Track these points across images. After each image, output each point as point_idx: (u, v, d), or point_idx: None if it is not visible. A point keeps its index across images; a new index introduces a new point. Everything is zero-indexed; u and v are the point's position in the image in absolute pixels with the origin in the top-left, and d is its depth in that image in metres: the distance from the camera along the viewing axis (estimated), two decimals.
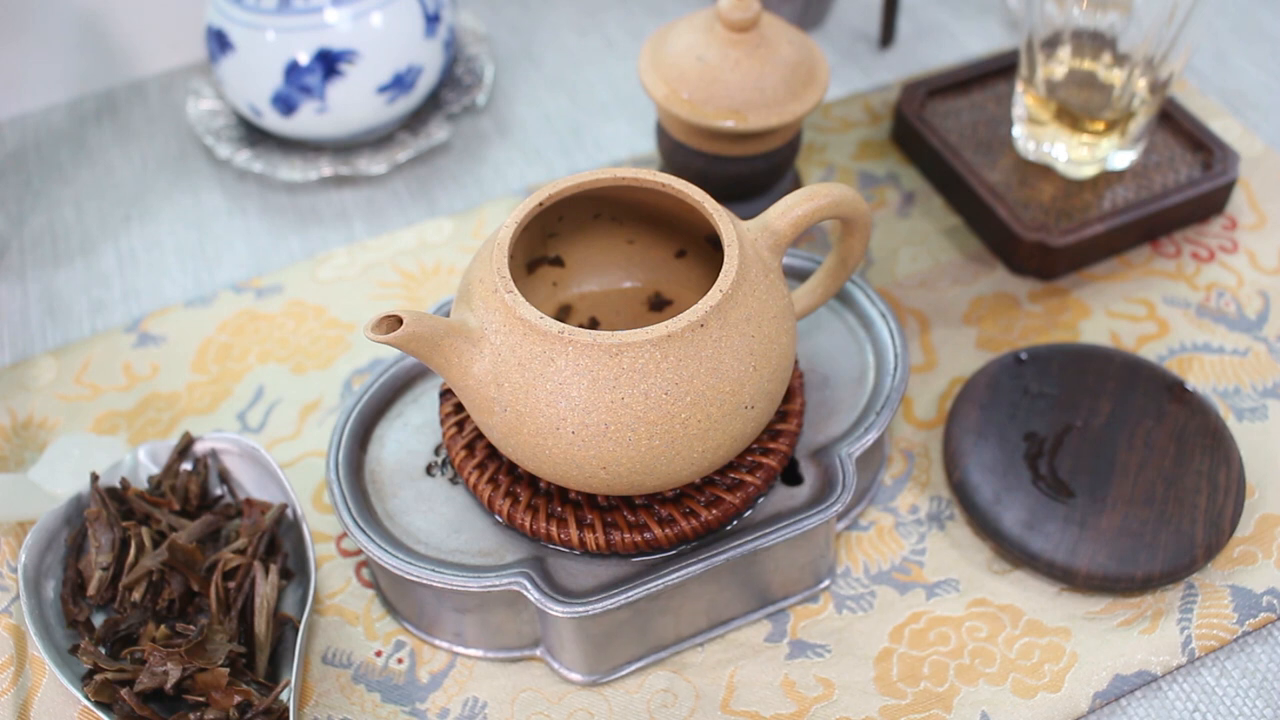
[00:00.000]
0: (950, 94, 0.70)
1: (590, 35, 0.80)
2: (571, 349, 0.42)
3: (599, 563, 0.48)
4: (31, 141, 0.74)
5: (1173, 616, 0.50)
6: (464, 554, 0.48)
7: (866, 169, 0.69)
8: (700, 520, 0.47)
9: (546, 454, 0.43)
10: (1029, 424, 0.55)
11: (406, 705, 0.49)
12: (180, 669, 0.46)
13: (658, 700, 0.49)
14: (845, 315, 0.56)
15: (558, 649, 0.49)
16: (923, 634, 0.50)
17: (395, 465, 0.51)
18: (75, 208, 0.70)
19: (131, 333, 0.63)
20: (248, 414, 0.59)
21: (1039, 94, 0.63)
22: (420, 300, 0.63)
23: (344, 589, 0.52)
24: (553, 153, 0.72)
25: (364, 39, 0.65)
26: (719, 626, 0.50)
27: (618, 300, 0.54)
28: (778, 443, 0.49)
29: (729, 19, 0.56)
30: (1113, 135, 0.62)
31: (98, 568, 0.50)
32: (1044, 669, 0.49)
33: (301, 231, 0.68)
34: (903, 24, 0.79)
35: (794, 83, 0.57)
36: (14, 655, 0.50)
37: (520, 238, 0.50)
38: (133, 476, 0.54)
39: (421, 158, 0.72)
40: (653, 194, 0.48)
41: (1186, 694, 0.49)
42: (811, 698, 0.48)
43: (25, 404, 0.60)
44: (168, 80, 0.78)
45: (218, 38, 0.66)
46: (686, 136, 0.59)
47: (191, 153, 0.73)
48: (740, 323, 0.43)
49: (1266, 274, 0.63)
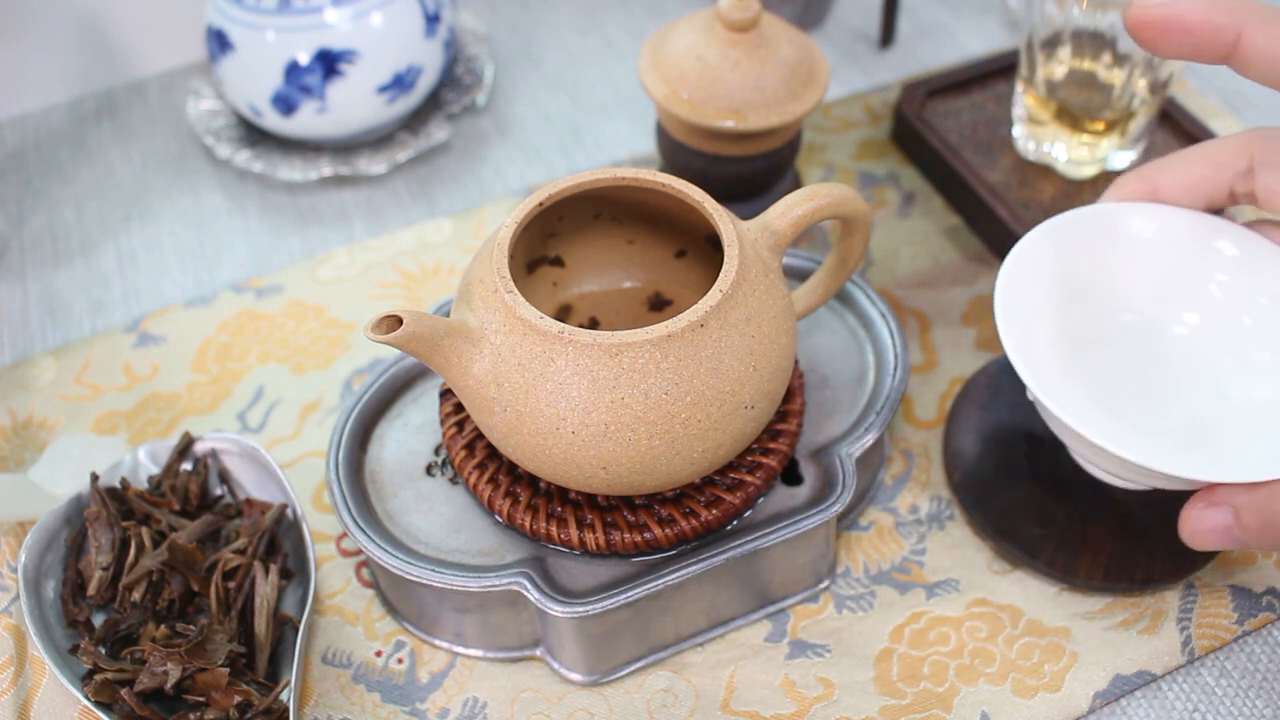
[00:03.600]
0: (950, 94, 0.70)
1: (590, 35, 0.80)
2: (571, 349, 0.42)
3: (599, 563, 0.48)
4: (31, 141, 0.74)
5: (1173, 616, 0.50)
6: (464, 554, 0.48)
7: (866, 169, 0.69)
8: (700, 520, 0.47)
9: (546, 454, 0.43)
10: (1029, 424, 0.55)
11: (406, 705, 0.49)
12: (180, 669, 0.46)
13: (658, 700, 0.49)
14: (845, 315, 0.56)
15: (558, 649, 0.49)
16: (923, 634, 0.50)
17: (395, 465, 0.51)
18: (75, 208, 0.70)
19: (131, 333, 0.63)
20: (248, 414, 0.59)
21: (1039, 94, 0.63)
22: (420, 300, 0.64)
23: (344, 589, 0.52)
24: (553, 153, 0.72)
25: (364, 39, 0.65)
26: (719, 626, 0.50)
27: (618, 300, 0.54)
28: (778, 443, 0.49)
29: (729, 19, 0.56)
30: (1113, 135, 0.62)
31: (98, 568, 0.50)
32: (1044, 669, 0.49)
33: (301, 231, 0.68)
34: (903, 24, 0.79)
35: (794, 83, 0.57)
36: (14, 655, 0.50)
37: (520, 238, 0.50)
38: (133, 476, 0.54)
39: (421, 158, 0.72)
40: (653, 194, 0.48)
41: (1186, 694, 0.49)
42: (811, 698, 0.48)
43: (25, 404, 0.60)
44: (168, 80, 0.78)
45: (218, 38, 0.66)
46: (686, 136, 0.59)
47: (191, 153, 0.73)
48: (740, 323, 0.43)
49: None
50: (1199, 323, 0.51)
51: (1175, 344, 0.51)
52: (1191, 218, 0.50)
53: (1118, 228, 0.51)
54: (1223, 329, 0.50)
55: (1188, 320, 0.51)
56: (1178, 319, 0.51)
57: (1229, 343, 0.50)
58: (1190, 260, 0.50)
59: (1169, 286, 0.51)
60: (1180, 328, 0.51)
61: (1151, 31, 0.42)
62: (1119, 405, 0.50)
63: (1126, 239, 0.51)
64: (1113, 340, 0.51)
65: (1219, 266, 0.50)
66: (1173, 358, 0.51)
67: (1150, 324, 0.51)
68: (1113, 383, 0.50)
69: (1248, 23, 0.41)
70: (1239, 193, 0.48)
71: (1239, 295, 0.50)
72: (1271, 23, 0.40)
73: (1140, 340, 0.51)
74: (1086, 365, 0.50)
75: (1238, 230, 0.49)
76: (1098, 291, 0.51)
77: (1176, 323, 0.51)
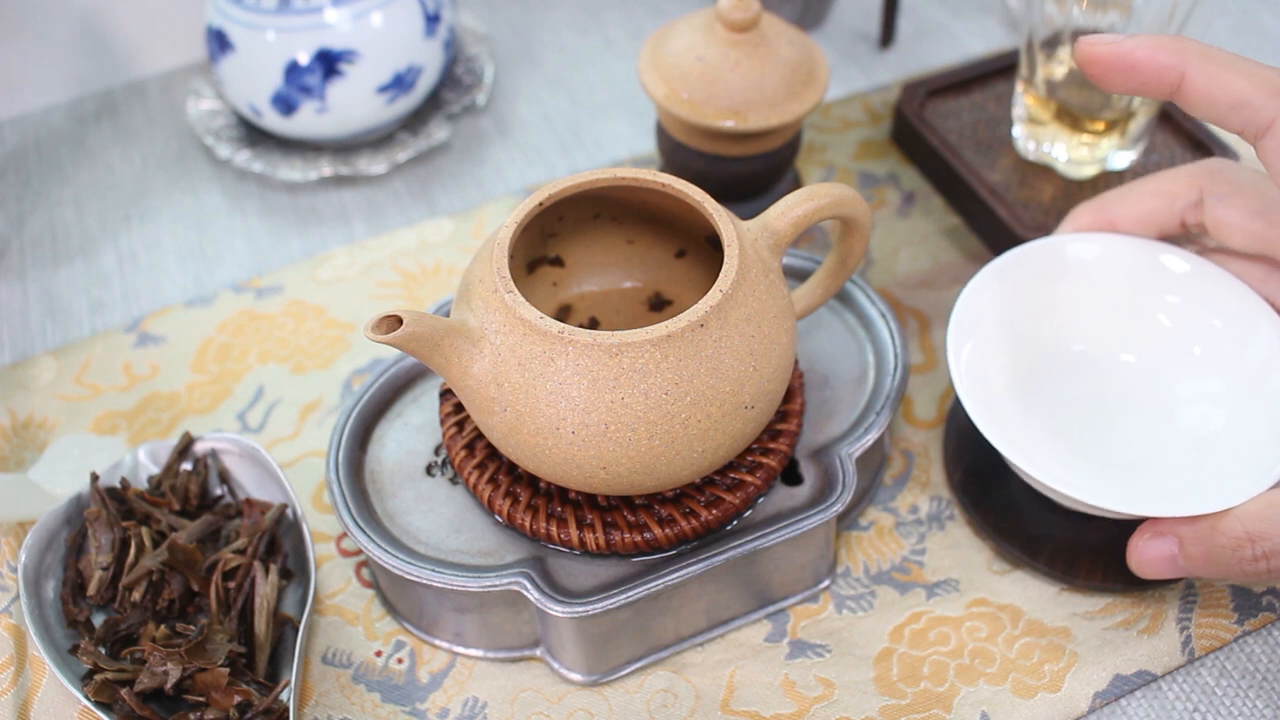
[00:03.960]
0: (950, 94, 0.70)
1: (590, 35, 0.80)
2: (571, 349, 0.42)
3: (599, 563, 0.48)
4: (31, 141, 0.74)
5: (1173, 616, 0.50)
6: (464, 554, 0.48)
7: (866, 169, 0.69)
8: (700, 520, 0.47)
9: (546, 454, 0.43)
10: None
11: (406, 705, 0.49)
12: (180, 669, 0.46)
13: (658, 700, 0.49)
14: (845, 315, 0.56)
15: (558, 649, 0.49)
16: (923, 634, 0.50)
17: (395, 465, 0.51)
18: (75, 208, 0.70)
19: (131, 333, 0.63)
20: (248, 414, 0.59)
21: (1039, 94, 0.63)
22: (420, 300, 0.64)
23: (344, 589, 0.52)
24: (553, 153, 0.72)
25: (364, 39, 0.65)
26: (719, 626, 0.50)
27: (618, 300, 0.54)
28: (778, 443, 0.49)
29: (729, 19, 0.56)
30: (1113, 135, 0.62)
31: (98, 568, 0.50)
32: (1044, 669, 0.49)
33: (301, 231, 0.68)
34: (903, 24, 0.79)
35: (794, 83, 0.57)
36: (14, 655, 0.50)
37: (520, 238, 0.50)
38: (133, 476, 0.54)
39: (421, 158, 0.72)
40: (653, 194, 0.48)
41: (1186, 694, 0.49)
42: (811, 698, 0.49)
43: (25, 404, 0.60)
44: (168, 80, 0.78)
45: (218, 38, 0.66)
46: (686, 136, 0.59)
47: (191, 153, 0.73)
48: (740, 323, 0.43)
49: None
50: (1149, 352, 0.53)
51: (1125, 373, 0.53)
52: (1141, 246, 0.52)
53: (1069, 258, 0.53)
54: (1172, 358, 0.52)
55: (1137, 350, 0.53)
56: (1127, 348, 0.53)
57: (1178, 372, 0.52)
58: (1140, 290, 0.53)
59: (1119, 316, 0.53)
60: (1130, 356, 0.53)
61: (1099, 68, 0.43)
62: (1072, 436, 0.51)
63: (1078, 269, 0.53)
64: (1065, 371, 0.53)
65: (1169, 294, 0.52)
66: (1123, 388, 0.52)
67: (1100, 354, 0.53)
68: (1064, 413, 0.52)
69: (1189, 62, 0.42)
70: (1190, 223, 0.50)
71: (1189, 324, 0.52)
72: (1212, 63, 0.42)
73: (1091, 371, 0.53)
74: (1040, 398, 0.52)
75: (1188, 257, 0.51)
76: (1050, 323, 0.53)
77: (1126, 352, 0.53)
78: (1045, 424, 0.51)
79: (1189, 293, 0.51)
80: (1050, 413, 0.52)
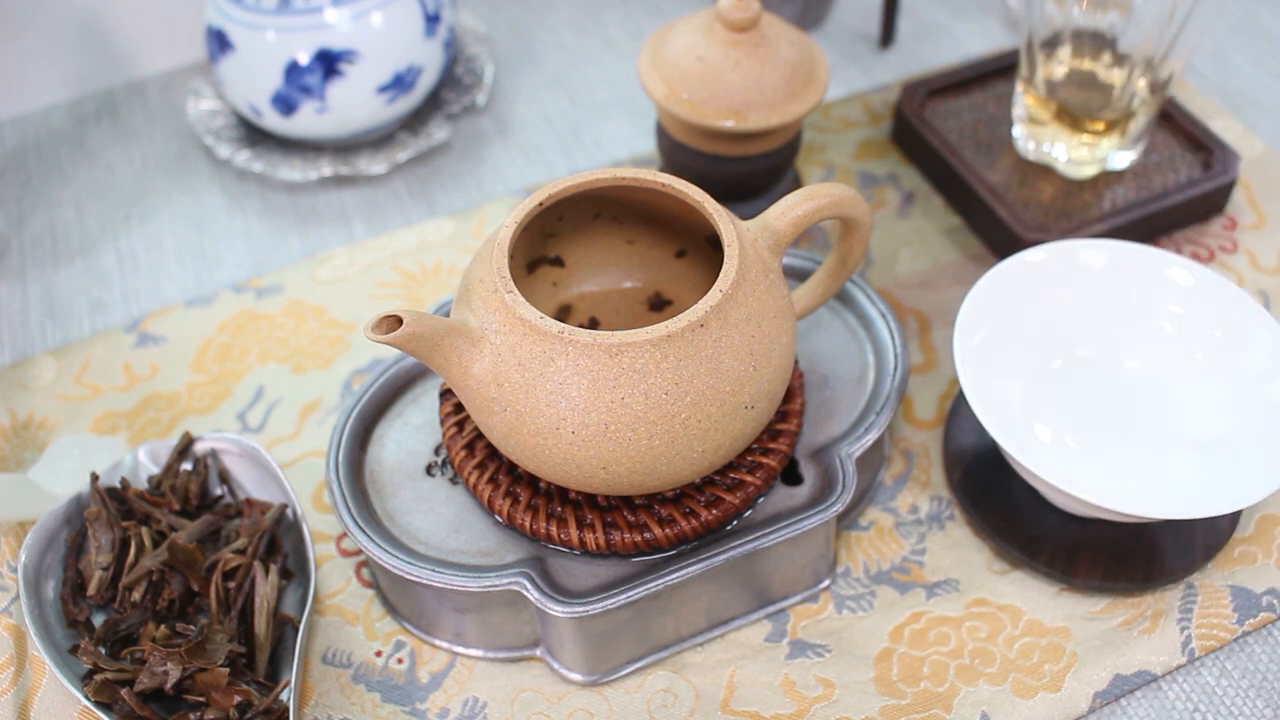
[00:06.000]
0: (950, 94, 0.70)
1: (590, 35, 0.80)
2: (571, 349, 0.42)
3: (599, 563, 0.48)
4: (31, 141, 0.74)
5: (1173, 616, 0.50)
6: (464, 554, 0.48)
7: (866, 169, 0.69)
8: (700, 520, 0.47)
9: (546, 454, 0.43)
10: None
11: (406, 705, 0.49)
12: (180, 669, 0.46)
13: (658, 700, 0.49)
14: (845, 315, 0.56)
15: (558, 649, 0.49)
16: (923, 634, 0.50)
17: (395, 465, 0.51)
18: (75, 208, 0.70)
19: (131, 333, 0.63)
20: (248, 414, 0.59)
21: (1039, 94, 0.63)
22: (420, 300, 0.64)
23: (344, 589, 0.52)
24: (553, 153, 0.72)
25: (364, 39, 0.65)
26: (719, 626, 0.50)
27: (618, 300, 0.54)
28: (778, 443, 0.49)
29: (729, 19, 0.56)
30: (1113, 135, 0.62)
31: (98, 568, 0.50)
32: (1044, 669, 0.49)
33: (301, 231, 0.68)
34: (903, 24, 0.79)
35: (794, 83, 0.57)
36: (14, 655, 0.50)
37: (520, 238, 0.50)
38: (133, 476, 0.54)
39: (421, 158, 0.72)
40: (653, 194, 0.48)
41: (1186, 694, 0.49)
42: (811, 698, 0.48)
43: (25, 404, 0.60)
44: (168, 80, 0.78)
45: (218, 38, 0.66)
46: (686, 136, 0.59)
47: (191, 153, 0.73)
48: (740, 323, 0.43)
49: (1266, 274, 0.62)
50: (1152, 358, 0.53)
51: (1129, 378, 0.53)
52: (1148, 256, 0.53)
53: (1077, 264, 0.53)
54: (1175, 365, 0.53)
55: (1141, 356, 0.53)
56: (1131, 354, 0.54)
57: (1181, 379, 0.52)
58: (1145, 298, 0.53)
59: (1125, 323, 0.54)
60: (1134, 362, 0.53)
61: None
62: (1076, 438, 0.52)
63: (1085, 276, 0.53)
64: (1069, 375, 0.53)
65: (1173, 303, 0.53)
66: (1127, 393, 0.53)
67: (1105, 359, 0.54)
68: (1069, 416, 0.53)
69: None
70: None
71: (1192, 332, 0.53)
72: None
73: (1096, 375, 0.54)
74: (1044, 400, 0.53)
75: (1192, 267, 0.52)
76: (1056, 327, 0.54)
77: (1130, 358, 0.54)
78: (1050, 425, 0.52)
79: (1192, 302, 0.52)
80: (1055, 414, 0.52)
